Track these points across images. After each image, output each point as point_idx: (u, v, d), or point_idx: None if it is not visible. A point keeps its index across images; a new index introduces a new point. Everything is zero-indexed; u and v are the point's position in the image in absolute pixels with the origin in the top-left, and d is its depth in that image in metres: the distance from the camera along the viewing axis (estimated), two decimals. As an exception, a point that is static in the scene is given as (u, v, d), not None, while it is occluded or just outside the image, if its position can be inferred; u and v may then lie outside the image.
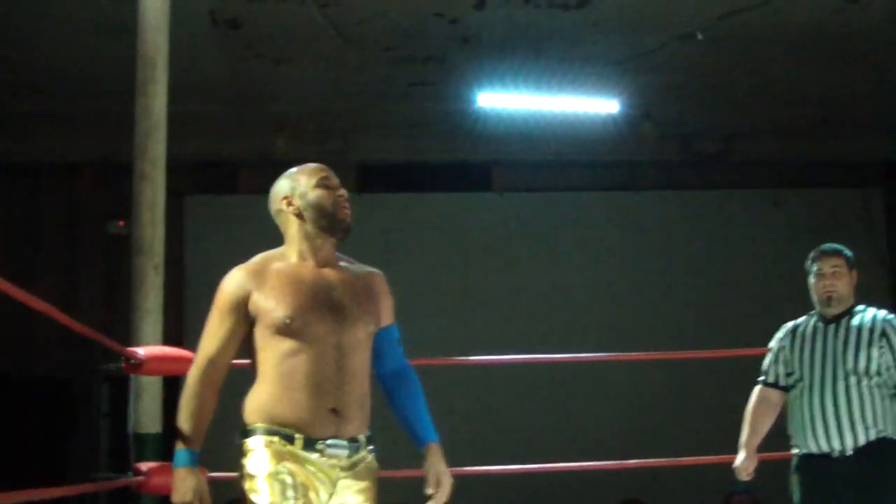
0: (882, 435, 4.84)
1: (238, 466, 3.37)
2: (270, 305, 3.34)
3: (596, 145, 11.11)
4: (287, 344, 3.34)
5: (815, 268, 5.14)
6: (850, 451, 4.83)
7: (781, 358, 5.15)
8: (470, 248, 11.37)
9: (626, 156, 11.62)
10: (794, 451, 5.05)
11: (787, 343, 5.15)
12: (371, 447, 3.45)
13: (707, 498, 9.60)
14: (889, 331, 4.95)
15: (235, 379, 3.50)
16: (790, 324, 5.23)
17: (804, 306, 5.29)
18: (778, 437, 5.21)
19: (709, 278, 11.67)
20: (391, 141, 11.07)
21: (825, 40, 9.12)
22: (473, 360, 7.91)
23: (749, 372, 5.45)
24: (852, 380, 4.87)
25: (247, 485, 3.30)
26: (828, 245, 5.22)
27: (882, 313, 5.05)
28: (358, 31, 8.65)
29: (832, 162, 11.97)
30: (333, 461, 3.33)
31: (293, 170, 3.58)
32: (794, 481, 5.04)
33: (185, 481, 3.35)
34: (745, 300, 11.33)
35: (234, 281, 3.40)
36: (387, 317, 3.58)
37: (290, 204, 3.50)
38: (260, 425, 3.32)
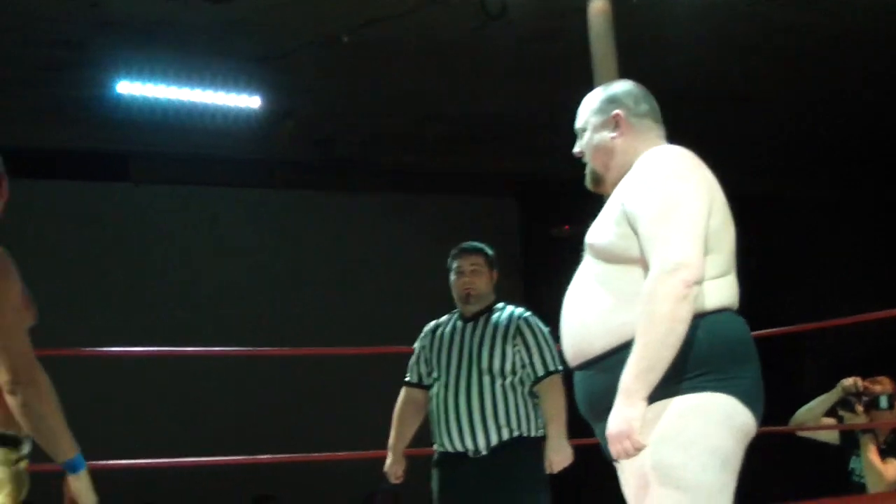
0: (517, 434, 4.89)
1: None
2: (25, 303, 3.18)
3: (236, 141, 10.98)
4: None
5: (455, 265, 5.19)
6: (484, 451, 4.88)
7: (423, 357, 5.18)
8: (102, 240, 10.99)
9: (264, 154, 11.58)
10: (435, 447, 5.08)
11: (427, 342, 5.18)
12: None
13: (352, 495, 9.74)
14: (523, 328, 5.01)
15: None
16: (432, 323, 5.27)
17: (434, 309, 5.41)
18: (421, 432, 5.29)
19: (341, 280, 11.83)
20: (20, 125, 10.50)
21: (466, 55, 9.43)
22: (100, 350, 7.72)
23: (379, 371, 5.56)
24: (486, 379, 4.90)
25: None
26: (468, 243, 5.28)
27: (519, 311, 5.12)
28: (-10, 7, 8.20)
29: (467, 172, 12.41)
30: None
31: None
32: (434, 477, 5.08)
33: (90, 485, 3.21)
34: (376, 302, 11.56)
35: (12, 270, 3.15)
36: None
37: None
38: None
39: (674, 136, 3.26)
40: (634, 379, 2.78)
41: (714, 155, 3.35)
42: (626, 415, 2.79)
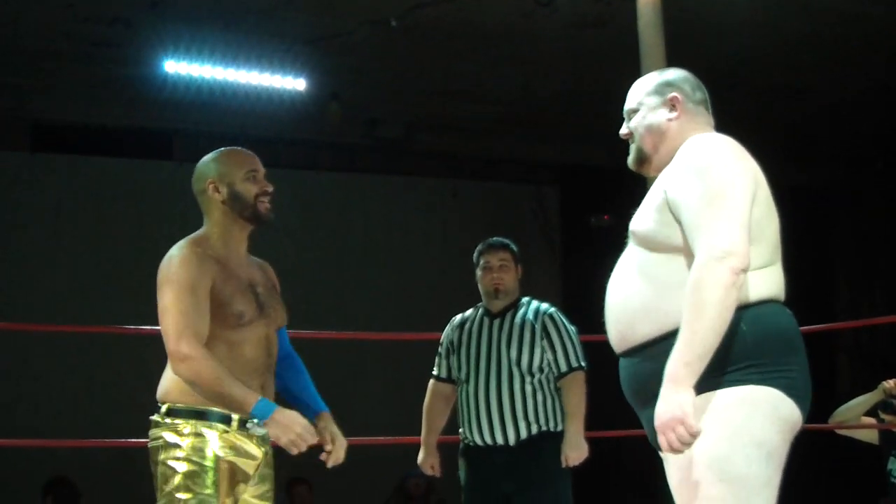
0: (544, 429, 4.99)
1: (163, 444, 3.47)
2: (227, 298, 3.53)
3: (280, 122, 10.99)
4: (233, 335, 3.53)
5: (482, 261, 5.25)
6: (511, 444, 4.98)
7: (450, 351, 5.25)
8: (145, 218, 10.99)
9: (309, 135, 11.56)
10: (462, 437, 5.16)
11: (454, 337, 5.25)
12: None
13: (385, 479, 9.72)
14: (548, 325, 5.09)
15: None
16: (458, 317, 5.34)
17: (476, 294, 5.41)
18: (452, 421, 5.34)
19: (384, 263, 11.81)
20: (69, 101, 10.54)
21: (512, 41, 9.39)
22: (145, 329, 7.75)
23: (420, 357, 5.54)
24: (516, 376, 4.99)
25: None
26: (495, 239, 5.35)
27: (545, 307, 5.18)
28: (42, -17, 8.24)
29: (510, 159, 12.38)
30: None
31: (223, 152, 3.74)
32: (461, 467, 5.17)
33: (293, 417, 3.42)
34: (418, 286, 11.53)
35: (196, 262, 3.52)
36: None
37: (216, 190, 3.68)
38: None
39: (722, 127, 3.22)
40: (684, 366, 2.71)
41: (762, 146, 3.30)
42: (678, 399, 2.70)
